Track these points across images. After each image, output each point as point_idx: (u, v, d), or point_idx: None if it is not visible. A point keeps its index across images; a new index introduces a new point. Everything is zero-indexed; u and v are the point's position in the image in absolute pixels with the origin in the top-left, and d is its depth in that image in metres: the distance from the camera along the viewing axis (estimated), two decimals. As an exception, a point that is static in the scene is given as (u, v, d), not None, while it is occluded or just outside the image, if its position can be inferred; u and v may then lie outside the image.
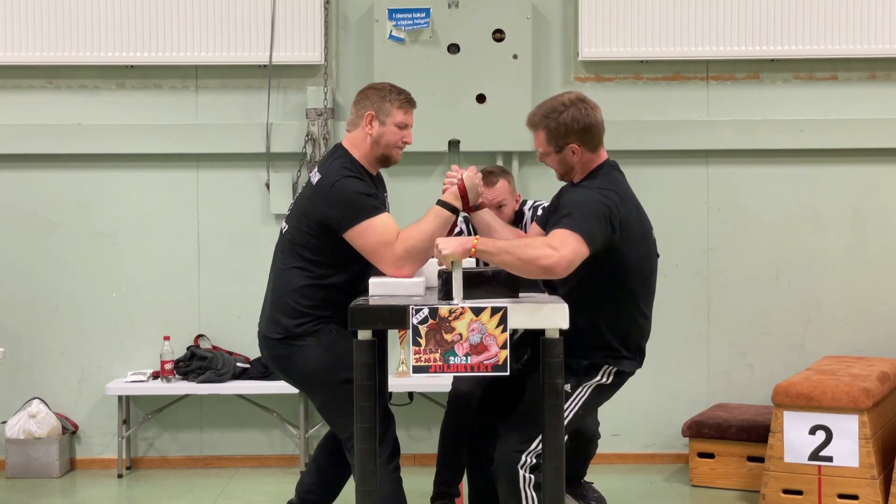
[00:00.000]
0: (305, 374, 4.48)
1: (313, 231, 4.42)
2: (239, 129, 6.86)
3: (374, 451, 3.97)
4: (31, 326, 6.88)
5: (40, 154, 6.85)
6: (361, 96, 4.57)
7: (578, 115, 4.23)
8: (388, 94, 4.51)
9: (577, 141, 4.24)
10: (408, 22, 6.70)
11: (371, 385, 3.90)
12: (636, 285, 4.31)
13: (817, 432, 5.70)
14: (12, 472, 6.66)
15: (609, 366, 4.31)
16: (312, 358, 4.42)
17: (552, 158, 4.32)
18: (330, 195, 4.36)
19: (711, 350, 6.92)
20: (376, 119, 4.48)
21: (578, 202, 4.10)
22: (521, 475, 4.19)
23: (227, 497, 6.28)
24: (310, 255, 4.44)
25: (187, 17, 6.77)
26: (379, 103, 4.49)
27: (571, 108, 4.24)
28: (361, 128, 4.50)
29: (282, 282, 4.51)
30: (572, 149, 4.25)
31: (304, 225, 4.45)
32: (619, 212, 4.13)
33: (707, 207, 6.89)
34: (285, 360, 4.50)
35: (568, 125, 4.23)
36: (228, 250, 6.90)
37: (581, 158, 4.28)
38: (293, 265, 4.47)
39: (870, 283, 6.89)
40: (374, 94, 4.53)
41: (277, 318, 4.49)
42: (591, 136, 4.26)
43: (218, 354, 6.70)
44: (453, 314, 3.76)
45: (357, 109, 4.54)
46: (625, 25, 6.76)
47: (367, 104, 4.51)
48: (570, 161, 4.29)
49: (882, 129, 6.81)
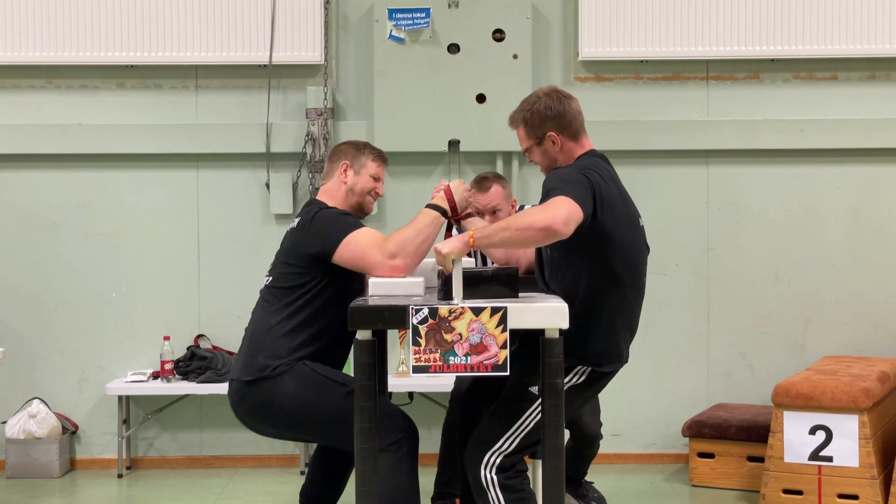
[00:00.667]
0: (293, 408, 4.39)
1: (303, 268, 4.45)
2: (239, 129, 6.86)
3: (375, 451, 3.97)
4: (31, 326, 6.89)
5: (40, 154, 6.86)
6: (336, 150, 4.73)
7: (551, 104, 4.26)
8: (364, 147, 4.71)
9: (554, 128, 4.24)
10: (408, 22, 6.70)
11: (371, 385, 3.90)
12: (622, 269, 4.17)
13: (817, 432, 5.70)
14: (12, 472, 6.67)
15: (582, 366, 4.20)
16: (292, 391, 4.38)
17: (536, 153, 4.30)
18: (313, 225, 4.46)
19: (711, 350, 6.92)
20: (351, 168, 4.63)
21: (558, 177, 4.07)
22: (483, 475, 4.15)
23: (227, 497, 6.28)
24: (293, 297, 4.46)
25: (187, 17, 6.78)
26: (354, 154, 4.66)
27: (545, 98, 4.28)
28: (336, 177, 4.65)
29: (262, 326, 4.49)
30: (552, 137, 4.24)
31: (292, 266, 4.49)
32: (601, 189, 4.08)
33: (707, 207, 6.90)
34: (264, 406, 4.42)
35: (543, 113, 4.25)
36: (228, 250, 6.91)
37: (563, 148, 4.26)
38: (275, 308, 4.47)
39: (870, 283, 6.89)
40: (349, 147, 4.71)
41: (254, 359, 4.43)
42: (567, 123, 4.25)
43: (218, 354, 6.70)
44: (453, 314, 3.76)
45: (332, 162, 4.69)
46: (625, 25, 6.76)
47: (342, 156, 4.67)
48: (552, 152, 4.26)
49: (882, 129, 6.81)
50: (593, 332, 4.16)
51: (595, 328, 4.16)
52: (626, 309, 4.24)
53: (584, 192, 3.98)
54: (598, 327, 4.17)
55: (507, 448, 4.15)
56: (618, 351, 4.25)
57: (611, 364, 4.24)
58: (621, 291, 4.19)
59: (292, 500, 4.88)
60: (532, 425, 4.14)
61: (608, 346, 4.20)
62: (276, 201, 6.82)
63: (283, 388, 4.37)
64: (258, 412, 4.46)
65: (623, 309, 4.22)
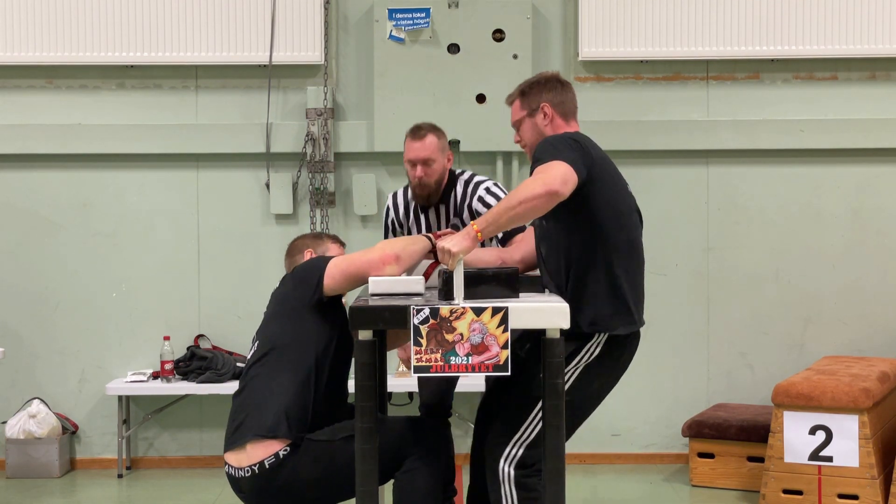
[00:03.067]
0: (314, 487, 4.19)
1: (294, 320, 4.23)
2: (239, 129, 6.86)
3: (375, 451, 3.97)
4: (31, 326, 6.89)
5: (40, 154, 6.86)
6: (293, 245, 4.57)
7: (551, 81, 4.30)
8: (320, 235, 4.61)
9: (549, 101, 4.24)
10: (408, 22, 6.70)
11: (372, 385, 3.89)
12: (616, 229, 4.10)
13: (817, 432, 5.70)
14: (12, 472, 6.67)
15: (597, 333, 4.09)
16: (309, 473, 4.15)
17: (526, 126, 4.27)
18: (295, 272, 4.31)
19: (711, 350, 6.92)
20: (315, 253, 4.48)
21: (546, 144, 4.04)
22: (502, 468, 4.11)
23: (227, 497, 6.28)
24: (275, 355, 4.23)
25: (187, 17, 6.78)
26: (314, 242, 4.55)
27: (545, 77, 4.33)
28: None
29: (255, 406, 4.20)
30: (544, 109, 4.23)
31: (283, 320, 4.26)
32: (589, 150, 4.05)
33: (707, 207, 6.90)
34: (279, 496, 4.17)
35: (542, 86, 4.28)
36: (228, 250, 6.91)
37: (552, 123, 4.24)
38: (266, 385, 4.19)
39: (870, 283, 6.89)
40: (306, 239, 4.58)
41: (256, 450, 4.14)
42: (561, 101, 4.26)
43: (218, 354, 6.70)
44: (454, 314, 3.76)
45: (292, 254, 4.54)
46: (625, 25, 6.76)
47: (301, 247, 4.53)
48: (541, 126, 4.24)
49: (882, 129, 6.81)
50: (598, 296, 4.09)
51: (599, 291, 4.09)
52: (628, 269, 4.14)
53: (574, 155, 3.97)
54: (602, 290, 4.09)
55: (526, 438, 4.11)
56: (628, 312, 4.12)
57: (625, 326, 4.11)
58: (618, 251, 4.11)
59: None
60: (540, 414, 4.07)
61: (617, 308, 4.11)
62: (276, 201, 6.82)
63: (298, 473, 4.12)
64: (278, 502, 4.21)
65: (624, 269, 4.13)
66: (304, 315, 4.23)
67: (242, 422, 4.19)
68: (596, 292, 4.09)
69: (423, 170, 4.98)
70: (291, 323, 4.24)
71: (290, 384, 4.16)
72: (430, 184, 5.01)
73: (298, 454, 4.13)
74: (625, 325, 4.12)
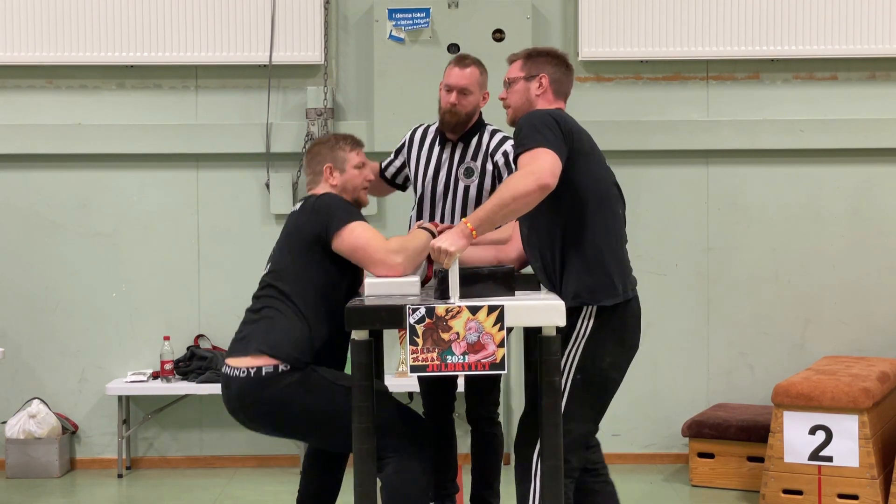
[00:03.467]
0: (301, 415, 4.28)
1: (306, 255, 4.34)
2: (239, 129, 6.86)
3: (374, 451, 3.97)
4: (31, 326, 6.89)
5: (40, 154, 6.86)
6: (312, 154, 4.62)
7: (557, 59, 4.34)
8: (336, 142, 4.61)
9: (548, 74, 4.28)
10: (408, 22, 6.70)
11: (369, 385, 3.90)
12: (595, 199, 4.11)
13: (817, 432, 5.70)
14: (12, 472, 6.67)
15: (585, 305, 4.07)
16: (301, 399, 4.24)
17: (517, 87, 4.31)
18: (317, 205, 4.38)
19: (711, 350, 6.92)
20: (335, 169, 4.55)
21: (529, 123, 4.06)
22: (534, 460, 4.07)
23: (227, 497, 6.29)
24: (295, 292, 4.33)
25: (187, 17, 6.78)
26: (331, 154, 4.57)
27: (553, 52, 4.38)
28: (324, 182, 4.57)
29: (267, 321, 4.35)
30: (541, 80, 4.27)
31: (294, 253, 4.38)
32: (567, 123, 4.10)
33: (707, 207, 6.89)
34: (269, 409, 4.28)
35: (547, 57, 4.33)
36: (228, 250, 6.91)
37: (543, 96, 4.28)
38: (276, 308, 4.34)
39: (870, 283, 6.88)
40: (322, 148, 4.61)
41: (260, 355, 4.27)
42: (559, 79, 4.31)
43: (218, 354, 6.70)
44: (450, 313, 3.76)
45: (313, 167, 4.60)
46: (625, 25, 6.76)
47: (320, 159, 4.58)
48: (532, 94, 4.28)
49: (882, 129, 6.81)
50: (580, 269, 4.07)
51: (581, 264, 4.08)
52: (609, 241, 4.13)
53: (555, 136, 4.01)
54: (584, 263, 4.07)
55: None
56: (612, 284, 4.09)
57: (609, 297, 4.07)
58: (599, 224, 4.11)
59: (292, 500, 4.86)
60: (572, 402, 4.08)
61: (599, 279, 4.07)
62: (276, 201, 6.82)
63: (292, 394, 4.23)
64: (261, 414, 4.32)
65: (606, 241, 4.11)
66: (314, 251, 4.34)
67: (249, 334, 4.34)
68: (578, 266, 4.09)
69: (458, 97, 4.90)
70: (302, 256, 4.36)
71: (297, 315, 4.29)
72: (461, 113, 4.92)
73: (297, 377, 4.23)
74: (609, 297, 4.09)
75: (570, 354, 4.08)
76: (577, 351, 4.09)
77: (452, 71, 4.94)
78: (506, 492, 6.24)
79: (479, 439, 5.06)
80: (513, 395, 6.89)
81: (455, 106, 4.90)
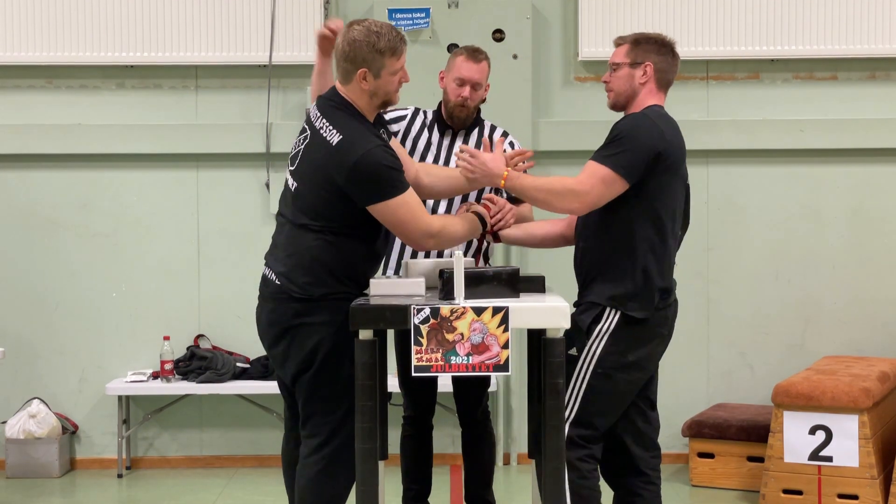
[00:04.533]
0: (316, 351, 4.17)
1: (332, 195, 4.14)
2: (239, 129, 6.86)
3: (375, 451, 3.97)
4: (31, 326, 6.88)
5: (40, 154, 6.85)
6: (350, 47, 4.19)
7: (665, 48, 4.30)
8: (375, 45, 4.17)
9: (655, 61, 4.25)
10: (408, 22, 6.70)
11: (372, 385, 3.90)
12: (665, 216, 4.19)
13: (817, 432, 5.70)
14: (12, 472, 6.67)
15: (611, 308, 4.15)
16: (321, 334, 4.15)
17: (622, 73, 4.27)
18: (357, 168, 4.07)
19: (711, 350, 6.92)
20: (370, 74, 4.20)
21: (626, 129, 4.12)
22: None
23: (227, 497, 6.29)
24: (325, 219, 4.16)
25: (187, 17, 6.78)
26: (369, 58, 4.17)
27: (661, 39, 4.32)
28: (356, 83, 4.21)
29: (298, 239, 4.20)
30: (646, 67, 4.24)
31: (321, 188, 4.16)
32: (661, 140, 4.11)
33: (707, 207, 6.90)
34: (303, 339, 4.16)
35: (656, 41, 4.29)
36: (228, 250, 6.91)
37: (647, 86, 4.25)
38: (308, 226, 4.17)
39: (870, 283, 6.89)
40: (363, 47, 4.17)
41: (296, 276, 4.16)
42: (666, 68, 4.28)
43: (218, 354, 6.70)
44: (455, 314, 3.76)
45: (346, 64, 4.22)
46: (625, 25, 6.76)
47: (357, 61, 4.18)
48: (636, 82, 4.25)
49: (882, 129, 6.81)
50: (624, 273, 4.15)
51: (627, 270, 4.15)
52: (661, 255, 4.19)
53: (635, 158, 4.06)
54: (630, 269, 4.15)
55: (569, 416, 4.15)
56: (650, 296, 4.16)
57: (641, 309, 4.15)
58: (659, 237, 4.17)
59: (292, 500, 4.87)
60: (584, 388, 4.15)
61: (639, 290, 4.15)
62: (276, 201, 6.79)
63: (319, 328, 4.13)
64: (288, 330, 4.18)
65: (657, 255, 4.18)
66: (340, 194, 4.12)
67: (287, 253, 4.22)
68: (624, 270, 4.15)
69: (470, 91, 4.87)
70: (329, 191, 4.14)
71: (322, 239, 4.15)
72: (471, 107, 4.91)
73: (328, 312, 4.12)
74: (640, 309, 4.16)
75: (594, 346, 4.17)
76: (601, 342, 4.17)
77: (467, 65, 4.87)
78: (504, 491, 6.25)
79: (473, 440, 5.06)
80: (513, 395, 6.89)
81: (467, 100, 4.88)
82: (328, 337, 4.12)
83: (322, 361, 4.14)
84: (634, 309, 4.15)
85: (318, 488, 4.19)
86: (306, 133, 4.28)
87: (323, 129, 4.20)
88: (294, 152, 4.30)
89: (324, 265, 4.14)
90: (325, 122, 4.22)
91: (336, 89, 4.28)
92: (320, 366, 4.14)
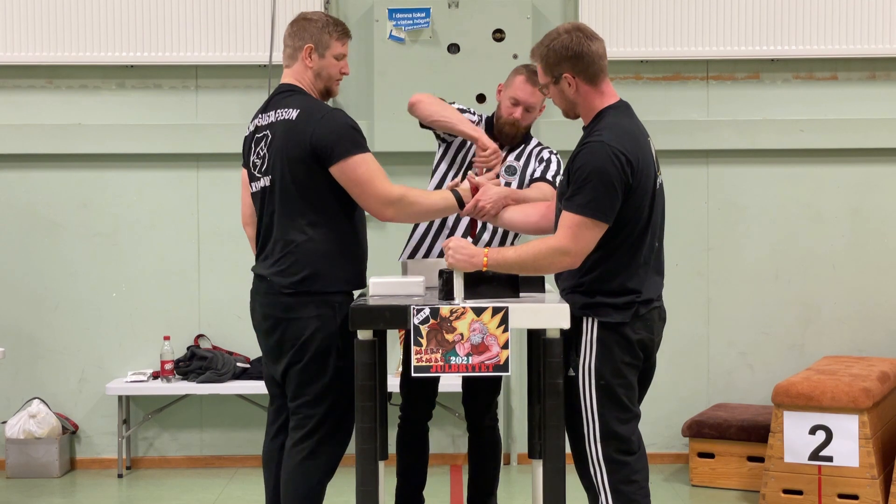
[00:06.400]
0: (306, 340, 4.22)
1: (305, 174, 4.18)
2: (239, 129, 6.81)
3: (375, 451, 3.97)
4: (31, 326, 6.88)
5: (40, 154, 6.86)
6: (297, 27, 4.38)
7: (570, 43, 4.00)
8: (325, 26, 4.37)
9: (570, 70, 4.00)
10: (408, 22, 6.70)
11: (372, 385, 3.90)
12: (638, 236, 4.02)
13: (817, 432, 5.70)
14: (12, 472, 6.67)
15: (587, 317, 4.00)
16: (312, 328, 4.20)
17: (553, 91, 4.10)
18: (323, 122, 4.17)
19: (711, 350, 6.92)
20: (315, 52, 4.34)
21: (582, 169, 3.90)
22: (594, 472, 4.03)
23: (227, 497, 6.29)
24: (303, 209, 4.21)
25: (187, 17, 6.78)
26: (317, 36, 4.34)
27: (564, 35, 4.04)
28: (301, 61, 4.35)
29: (282, 235, 4.25)
30: (567, 79, 4.01)
31: (294, 169, 4.20)
32: (628, 163, 3.94)
33: (707, 207, 6.90)
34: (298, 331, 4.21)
35: (559, 52, 4.01)
36: (228, 250, 6.90)
37: (579, 91, 4.03)
38: (291, 224, 4.22)
39: (870, 283, 6.89)
40: (311, 26, 4.37)
41: (284, 272, 4.21)
42: (585, 66, 4.00)
43: (218, 354, 6.70)
44: (454, 314, 3.76)
45: (294, 42, 4.38)
46: (625, 25, 6.76)
47: (304, 37, 4.35)
48: (569, 94, 4.05)
49: (882, 129, 6.81)
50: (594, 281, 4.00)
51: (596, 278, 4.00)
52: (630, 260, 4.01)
53: (608, 195, 3.86)
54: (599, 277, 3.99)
55: (593, 437, 4.01)
56: (627, 302, 4.01)
57: (616, 313, 3.99)
58: (637, 255, 4.00)
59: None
60: (595, 405, 4.00)
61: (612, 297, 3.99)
62: (276, 201, 6.81)
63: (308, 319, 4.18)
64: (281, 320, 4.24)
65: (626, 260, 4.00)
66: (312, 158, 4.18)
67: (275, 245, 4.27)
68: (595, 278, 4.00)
69: (522, 113, 4.81)
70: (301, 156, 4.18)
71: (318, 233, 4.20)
72: (522, 128, 4.86)
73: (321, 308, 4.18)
74: (616, 314, 4.00)
75: (588, 356, 4.01)
76: (592, 350, 4.01)
77: (525, 87, 4.79)
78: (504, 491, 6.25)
79: (480, 446, 5.04)
80: (513, 395, 6.89)
81: (518, 121, 4.84)
82: (318, 330, 4.18)
83: (312, 355, 4.19)
84: (608, 314, 3.99)
85: (302, 476, 4.27)
86: (265, 135, 4.34)
87: (280, 115, 4.29)
88: (259, 159, 4.36)
89: (308, 259, 4.20)
90: (281, 109, 4.31)
91: (281, 83, 4.41)
92: (310, 359, 4.20)
